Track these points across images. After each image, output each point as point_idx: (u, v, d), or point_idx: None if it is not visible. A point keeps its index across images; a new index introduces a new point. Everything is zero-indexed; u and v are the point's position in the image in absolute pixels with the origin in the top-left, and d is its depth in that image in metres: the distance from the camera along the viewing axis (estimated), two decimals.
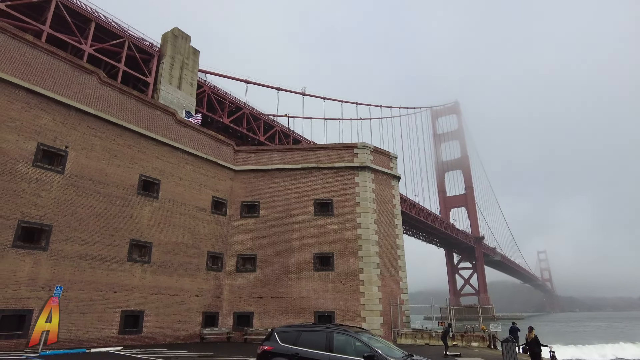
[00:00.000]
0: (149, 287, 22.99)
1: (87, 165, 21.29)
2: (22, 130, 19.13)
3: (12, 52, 19.41)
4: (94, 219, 21.03)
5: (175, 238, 24.93)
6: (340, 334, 9.72)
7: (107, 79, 23.49)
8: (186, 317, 24.66)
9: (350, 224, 28.19)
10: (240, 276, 27.81)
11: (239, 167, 30.09)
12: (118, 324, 21.24)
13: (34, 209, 18.94)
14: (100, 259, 20.98)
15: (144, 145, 24.25)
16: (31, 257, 18.55)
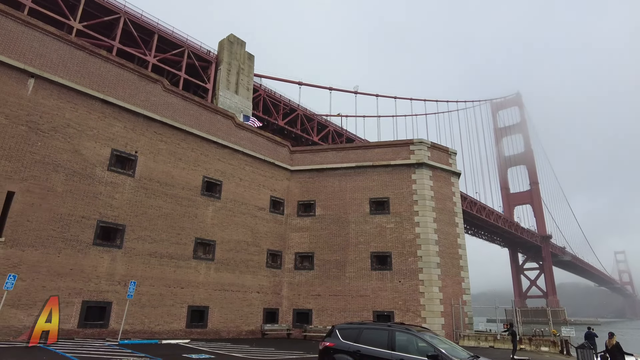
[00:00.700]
0: (213, 284, 24.06)
1: (154, 168, 22.70)
2: (98, 137, 20.80)
3: (89, 67, 21.16)
4: (162, 218, 22.39)
5: (236, 236, 25.89)
6: (402, 333, 9.58)
7: (171, 86, 24.89)
8: (248, 313, 25.52)
9: (407, 222, 27.66)
10: (298, 274, 28.28)
11: (294, 167, 30.62)
12: (185, 318, 22.44)
13: (109, 210, 20.53)
14: (168, 256, 22.29)
15: (206, 148, 25.42)
16: (109, 254, 20.13)
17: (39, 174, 18.58)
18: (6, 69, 18.41)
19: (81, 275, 19.02)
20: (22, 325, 16.96)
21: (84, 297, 18.95)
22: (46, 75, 19.42)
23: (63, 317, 18.20)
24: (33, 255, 17.82)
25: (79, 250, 19.15)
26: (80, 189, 19.68)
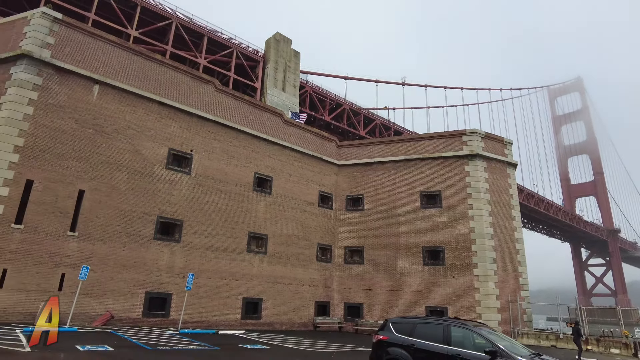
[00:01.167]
0: (266, 276, 24.71)
1: (209, 166, 23.61)
2: (156, 137, 21.95)
3: (146, 71, 22.35)
4: (217, 213, 23.28)
5: (287, 230, 26.39)
6: (458, 328, 9.34)
7: (222, 87, 25.73)
8: (300, 306, 25.97)
9: (461, 216, 26.82)
10: (348, 268, 28.34)
11: (342, 161, 30.63)
12: (240, 309, 23.24)
13: (168, 206, 21.64)
14: (224, 249, 23.15)
15: (256, 145, 26.07)
16: (168, 248, 21.26)
17: (105, 173, 19.94)
18: (76, 77, 19.88)
19: (144, 267, 20.25)
20: (95, 313, 18.38)
21: (146, 289, 20.18)
22: (109, 81, 20.76)
23: (129, 306, 19.52)
24: (102, 248, 19.20)
25: (142, 245, 20.38)
26: (141, 186, 20.90)
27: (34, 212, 17.84)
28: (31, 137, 18.25)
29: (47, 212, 18.15)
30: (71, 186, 18.92)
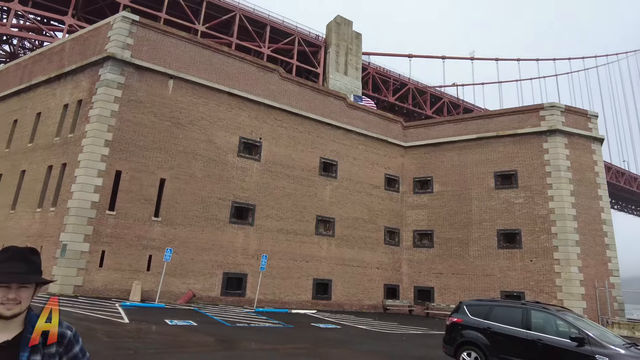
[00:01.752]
0: (335, 258, 25.15)
1: (277, 152, 24.31)
2: (227, 127, 22.99)
3: (215, 64, 23.36)
4: (286, 198, 24.01)
5: (354, 214, 26.53)
6: (539, 312, 8.87)
7: (286, 74, 26.18)
8: (369, 288, 26.15)
9: (539, 197, 25.11)
10: (418, 251, 27.91)
11: (408, 143, 29.93)
12: (311, 290, 23.95)
13: (241, 192, 22.70)
14: (293, 232, 23.89)
15: (321, 130, 26.32)
16: (243, 231, 22.38)
17: (182, 162, 21.33)
18: (152, 74, 21.34)
19: (221, 249, 21.54)
20: (179, 291, 19.98)
21: (224, 269, 21.48)
22: (182, 75, 22.01)
23: (209, 285, 20.94)
24: (183, 232, 20.70)
25: (218, 228, 21.65)
26: (216, 173, 22.10)
27: (123, 200, 19.65)
28: (118, 132, 20.00)
29: (134, 200, 19.89)
30: (153, 175, 20.52)
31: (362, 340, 13.71)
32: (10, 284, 1.60)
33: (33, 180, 22.45)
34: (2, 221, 23.17)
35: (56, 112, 22.88)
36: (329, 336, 14.09)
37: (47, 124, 23.26)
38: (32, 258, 1.71)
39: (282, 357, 9.50)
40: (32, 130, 24.18)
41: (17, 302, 1.60)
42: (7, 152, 25.40)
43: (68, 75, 22.96)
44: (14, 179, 23.81)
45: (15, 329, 1.63)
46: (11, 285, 1.60)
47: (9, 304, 1.59)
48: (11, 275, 1.60)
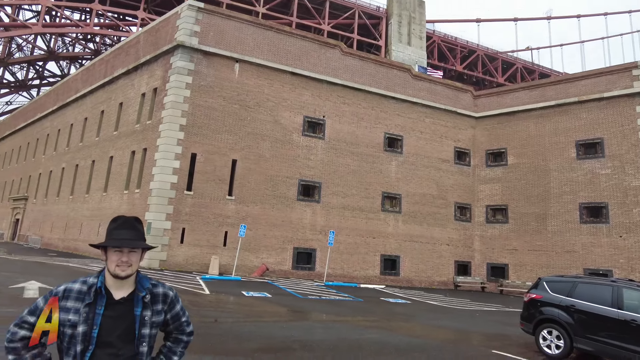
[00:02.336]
0: (402, 235, 24.92)
1: (340, 129, 24.30)
2: (292, 107, 23.34)
3: (277, 44, 23.62)
4: (351, 175, 24.06)
5: (421, 190, 25.94)
6: (632, 290, 8.16)
7: (348, 49, 25.81)
8: (439, 265, 25.67)
9: (630, 166, 22.72)
10: (491, 227, 26.74)
11: (479, 113, 28.36)
12: (379, 265, 24.05)
13: (307, 170, 23.12)
14: (359, 209, 23.97)
15: (385, 105, 25.79)
16: (310, 208, 22.89)
17: (251, 143, 22.12)
18: (219, 58, 22.13)
19: (290, 225, 22.27)
20: (252, 265, 21.08)
21: (294, 244, 22.24)
22: (246, 58, 22.58)
23: (280, 260, 21.83)
24: (254, 210, 21.65)
25: (287, 205, 22.35)
26: (283, 153, 22.67)
27: (199, 180, 20.92)
28: (191, 117, 21.15)
29: (209, 180, 21.09)
30: (225, 157, 21.54)
31: (433, 316, 13.59)
32: (122, 249, 1.81)
33: (119, 165, 24.64)
34: (97, 202, 25.82)
35: (135, 101, 24.71)
36: (399, 310, 14.14)
37: (128, 112, 25.23)
38: (138, 226, 1.92)
39: (353, 329, 9.74)
40: (116, 119, 26.40)
41: (128, 265, 1.82)
42: (97, 141, 28.05)
43: (144, 66, 24.58)
44: (104, 165, 26.31)
45: (129, 288, 1.86)
46: (123, 250, 1.82)
47: (123, 266, 1.80)
48: (123, 241, 1.82)
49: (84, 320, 1.75)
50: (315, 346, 7.57)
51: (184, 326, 2.04)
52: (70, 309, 1.77)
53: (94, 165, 27.54)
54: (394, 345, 8.35)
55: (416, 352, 7.80)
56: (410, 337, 9.38)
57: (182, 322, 2.03)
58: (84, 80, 32.13)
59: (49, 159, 34.88)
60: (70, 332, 1.75)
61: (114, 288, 1.84)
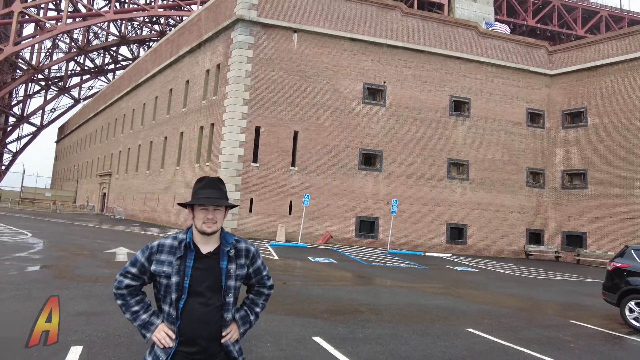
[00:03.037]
0: (470, 203, 24.05)
1: (402, 95, 23.56)
2: (351, 74, 22.95)
3: (334, 11, 23.05)
4: (414, 142, 23.43)
5: (490, 155, 24.66)
6: None
7: (408, 9, 24.61)
8: (509, 233, 24.59)
9: None
10: (567, 194, 24.93)
11: (555, 70, 25.99)
12: (444, 234, 23.54)
13: (368, 139, 22.86)
14: (423, 177, 23.41)
15: (450, 66, 24.48)
16: (372, 177, 22.77)
17: (312, 114, 22.22)
18: (278, 30, 22.16)
19: (352, 195, 22.37)
20: (317, 232, 21.60)
21: (356, 213, 22.38)
22: (304, 27, 22.38)
23: (343, 228, 22.12)
24: (317, 180, 21.98)
25: (348, 175, 22.40)
26: (343, 122, 22.55)
27: (264, 152, 21.55)
28: (253, 90, 21.61)
29: (273, 152, 21.64)
30: (287, 129, 21.89)
31: (503, 284, 13.15)
32: (207, 207, 1.93)
33: (190, 140, 26.02)
34: (171, 176, 27.64)
35: (200, 78, 25.68)
36: (467, 278, 13.84)
37: (195, 89, 26.34)
38: (221, 186, 2.03)
39: (420, 295, 9.73)
40: (184, 97, 27.72)
41: (214, 222, 1.94)
42: (168, 118, 29.74)
43: (206, 43, 25.33)
44: (175, 140, 27.93)
45: (215, 243, 1.99)
46: (208, 208, 1.94)
47: (209, 223, 1.92)
48: (208, 199, 1.93)
49: (177, 272, 1.90)
50: (383, 310, 7.68)
51: (264, 280, 2.16)
52: (164, 262, 1.93)
53: (167, 141, 29.35)
54: (463, 311, 8.23)
55: (486, 319, 7.63)
56: (479, 304, 9.19)
57: (263, 275, 2.15)
58: (153, 61, 33.90)
59: (126, 137, 37.73)
60: (166, 282, 1.91)
61: (201, 243, 1.97)
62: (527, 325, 7.43)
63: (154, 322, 1.94)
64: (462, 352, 5.43)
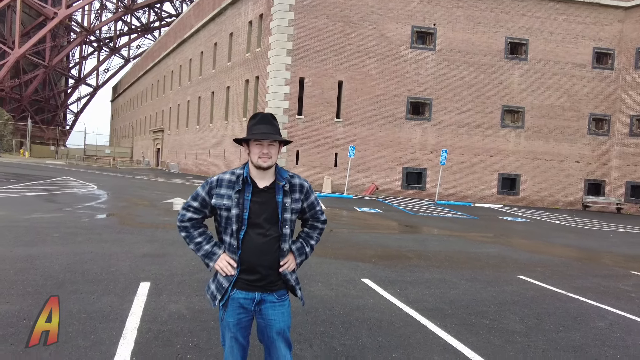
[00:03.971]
0: (524, 152, 22.92)
1: (453, 38, 22.16)
2: (398, 17, 21.77)
3: None
4: (465, 88, 22.27)
5: (549, 101, 23.03)
6: None
7: None
8: (565, 184, 23.37)
9: None
10: (635, 141, 23.03)
11: (631, 2, 23.17)
12: (496, 185, 22.78)
13: (416, 86, 21.99)
14: (475, 125, 22.41)
15: (506, 4, 22.52)
16: (419, 126, 22.12)
17: (357, 62, 21.55)
18: None
19: (399, 146, 21.96)
20: (362, 184, 21.64)
21: (403, 164, 22.05)
22: None
23: (389, 179, 21.97)
24: (362, 131, 21.69)
25: (395, 125, 21.89)
26: (390, 69, 21.74)
27: (308, 104, 21.41)
28: (297, 40, 21.16)
29: (317, 104, 21.45)
30: (332, 79, 21.47)
31: (557, 234, 12.68)
32: (262, 142, 1.96)
33: (236, 94, 26.30)
34: (220, 130, 28.35)
35: (244, 30, 25.44)
36: (519, 228, 13.46)
37: (239, 42, 26.21)
38: (274, 122, 2.04)
39: (469, 243, 9.62)
40: (228, 50, 27.72)
41: (269, 157, 1.97)
42: (214, 73, 30.05)
43: None
44: (222, 95, 28.35)
45: (270, 178, 2.05)
46: (263, 143, 1.97)
47: (264, 157, 1.95)
48: (262, 134, 1.95)
49: (236, 204, 1.98)
50: (431, 256, 7.70)
51: (318, 214, 2.21)
52: (223, 195, 2.01)
53: (214, 96, 29.87)
54: (514, 259, 8.08)
55: (539, 267, 7.45)
56: (531, 253, 8.96)
57: (316, 210, 2.19)
58: (196, 15, 33.86)
59: (175, 94, 38.77)
60: (226, 215, 2.01)
61: (257, 178, 2.03)
62: (582, 275, 7.19)
63: (216, 252, 2.05)
64: (513, 297, 5.38)
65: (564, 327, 4.33)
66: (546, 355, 3.57)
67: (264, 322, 2.06)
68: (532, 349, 3.67)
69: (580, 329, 4.34)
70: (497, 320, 4.38)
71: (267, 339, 2.09)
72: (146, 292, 4.43)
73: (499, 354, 3.51)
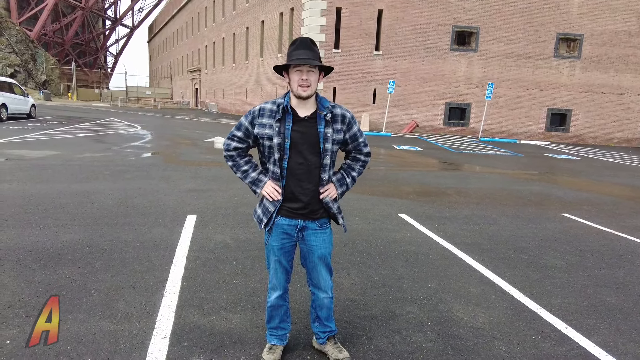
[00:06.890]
0: (578, 85, 21.27)
1: None
2: None
3: None
4: (516, 15, 20.45)
5: (613, 26, 20.80)
6: None
7: None
8: (622, 119, 21.73)
9: None
10: None
11: None
12: (544, 120, 21.56)
13: (462, 14, 20.40)
14: (525, 56, 20.83)
15: None
16: (465, 58, 20.83)
17: None
18: None
19: (442, 79, 20.93)
20: (402, 121, 21.11)
21: (446, 100, 21.15)
22: None
23: (431, 116, 21.26)
24: (403, 64, 20.73)
25: (439, 57, 20.72)
26: None
27: (345, 37, 20.51)
28: None
29: (355, 36, 20.49)
30: (371, 7, 20.26)
31: (608, 172, 12.03)
32: (302, 68, 1.90)
33: (271, 29, 25.54)
34: (256, 67, 28.01)
35: None
36: (566, 166, 12.87)
37: None
38: (314, 47, 1.96)
39: (511, 181, 9.35)
40: None
41: (308, 85, 1.92)
42: (247, 7, 29.10)
43: None
44: (257, 30, 27.62)
45: (311, 108, 2.01)
46: (302, 69, 1.90)
47: (304, 85, 1.90)
48: (301, 59, 1.89)
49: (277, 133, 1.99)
50: (471, 193, 7.58)
51: (361, 146, 2.19)
52: (265, 125, 2.02)
53: (249, 32, 29.18)
54: (559, 197, 7.81)
55: (585, 206, 7.18)
56: (578, 191, 8.62)
57: (359, 142, 2.16)
58: None
59: (210, 31, 38.19)
60: (269, 144, 2.03)
61: (298, 108, 2.00)
62: (633, 214, 6.88)
63: (262, 179, 2.10)
64: (555, 234, 5.27)
65: (607, 265, 4.25)
66: (585, 291, 3.54)
67: (306, 247, 2.15)
68: (571, 284, 3.65)
69: (624, 266, 4.24)
70: (537, 256, 4.34)
71: (310, 264, 2.19)
72: (193, 224, 4.70)
73: (535, 288, 3.52)
